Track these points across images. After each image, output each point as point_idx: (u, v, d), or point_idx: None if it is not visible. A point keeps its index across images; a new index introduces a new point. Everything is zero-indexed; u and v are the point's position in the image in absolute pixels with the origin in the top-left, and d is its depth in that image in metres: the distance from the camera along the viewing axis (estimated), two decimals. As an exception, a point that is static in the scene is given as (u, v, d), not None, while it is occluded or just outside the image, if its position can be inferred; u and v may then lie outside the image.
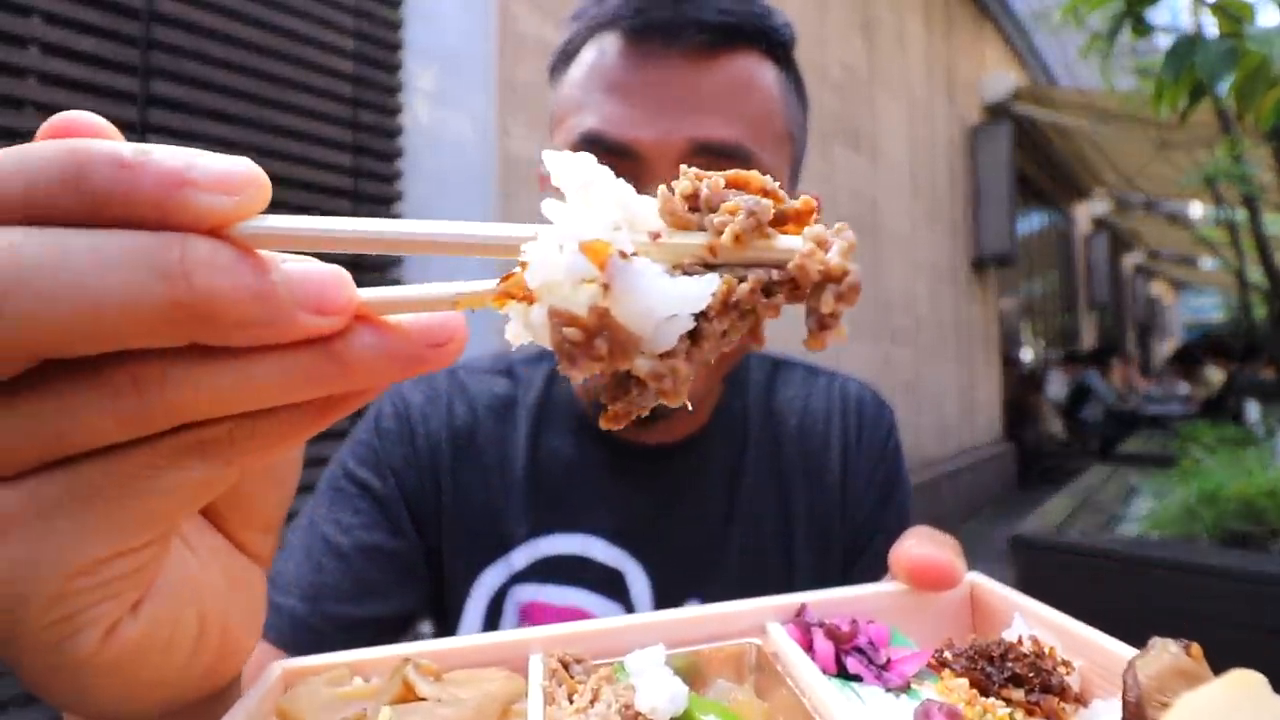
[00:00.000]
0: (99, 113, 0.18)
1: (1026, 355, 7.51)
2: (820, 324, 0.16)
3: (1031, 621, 0.25)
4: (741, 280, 0.16)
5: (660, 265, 0.15)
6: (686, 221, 0.16)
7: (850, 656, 0.23)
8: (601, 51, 0.46)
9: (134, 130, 1.30)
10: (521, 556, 0.53)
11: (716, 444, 0.58)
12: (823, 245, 0.16)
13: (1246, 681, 0.18)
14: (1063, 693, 0.22)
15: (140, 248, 0.13)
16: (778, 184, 0.19)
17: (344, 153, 1.59)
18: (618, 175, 0.25)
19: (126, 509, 0.14)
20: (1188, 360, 7.28)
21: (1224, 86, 0.76)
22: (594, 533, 0.54)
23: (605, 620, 0.26)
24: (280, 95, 1.49)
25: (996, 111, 6.06)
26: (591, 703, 0.21)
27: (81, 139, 0.14)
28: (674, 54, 0.44)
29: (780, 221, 0.17)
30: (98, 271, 0.12)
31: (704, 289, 0.15)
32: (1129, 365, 7.90)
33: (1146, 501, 2.46)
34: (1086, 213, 9.78)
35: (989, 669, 0.22)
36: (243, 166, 0.16)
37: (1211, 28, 0.83)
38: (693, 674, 0.24)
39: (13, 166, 0.14)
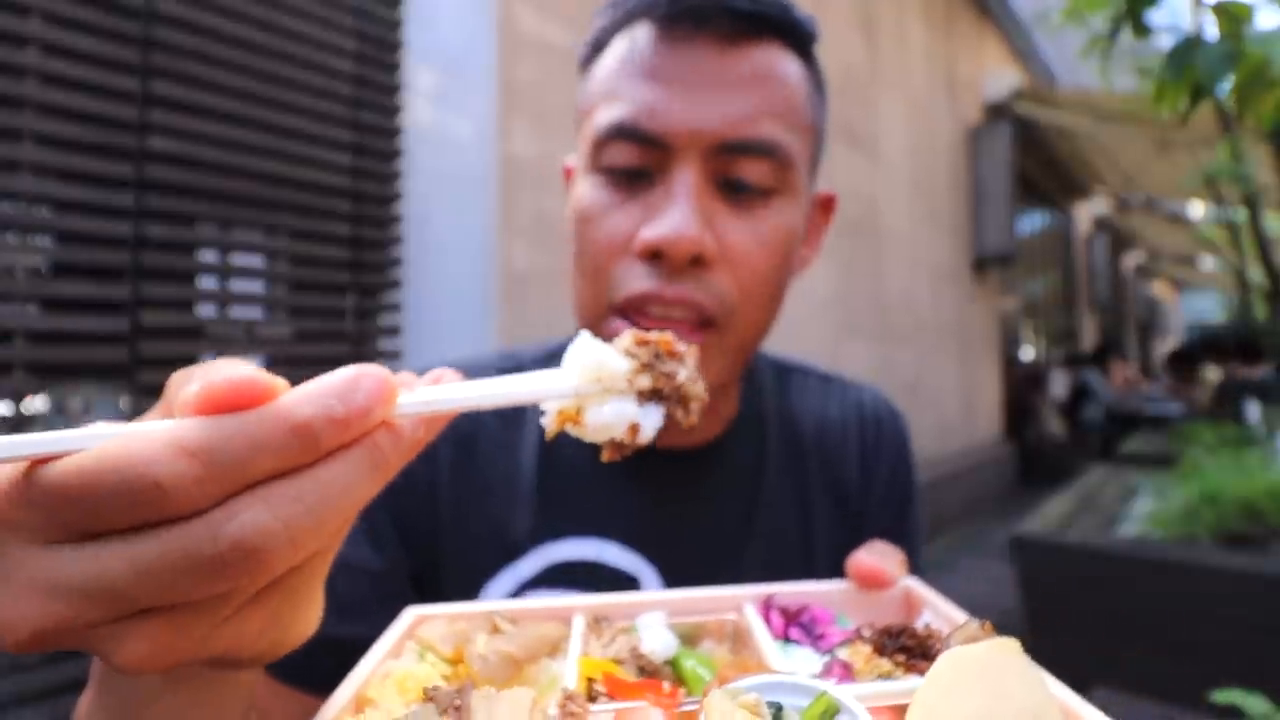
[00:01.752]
0: (99, 113, 0.28)
1: (1027, 355, 7.51)
2: (673, 414, 0.28)
3: (934, 615, 0.34)
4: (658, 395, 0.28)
5: (621, 396, 0.27)
6: (642, 371, 0.27)
7: (793, 628, 0.33)
8: (633, 40, 0.46)
9: (134, 130, 1.30)
10: (531, 564, 0.51)
11: (734, 450, 0.57)
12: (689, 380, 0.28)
13: (1005, 646, 0.24)
14: (933, 660, 0.28)
15: (362, 462, 0.20)
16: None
17: (344, 153, 1.59)
18: (647, 164, 0.44)
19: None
20: (1185, 362, 7.28)
21: (1224, 87, 0.76)
22: (608, 537, 0.52)
23: (628, 594, 0.36)
24: (280, 95, 1.49)
25: (997, 111, 6.05)
26: (610, 643, 0.32)
27: (295, 411, 0.19)
28: (703, 40, 0.44)
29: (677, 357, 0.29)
30: (346, 489, 0.19)
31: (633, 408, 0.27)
32: (1128, 365, 7.89)
33: (1147, 502, 2.46)
34: (1087, 213, 9.78)
35: (888, 641, 0.31)
36: (379, 386, 0.20)
37: (1212, 29, 0.83)
38: (689, 637, 0.34)
39: (254, 449, 0.18)
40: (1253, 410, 3.72)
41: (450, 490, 0.53)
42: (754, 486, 0.56)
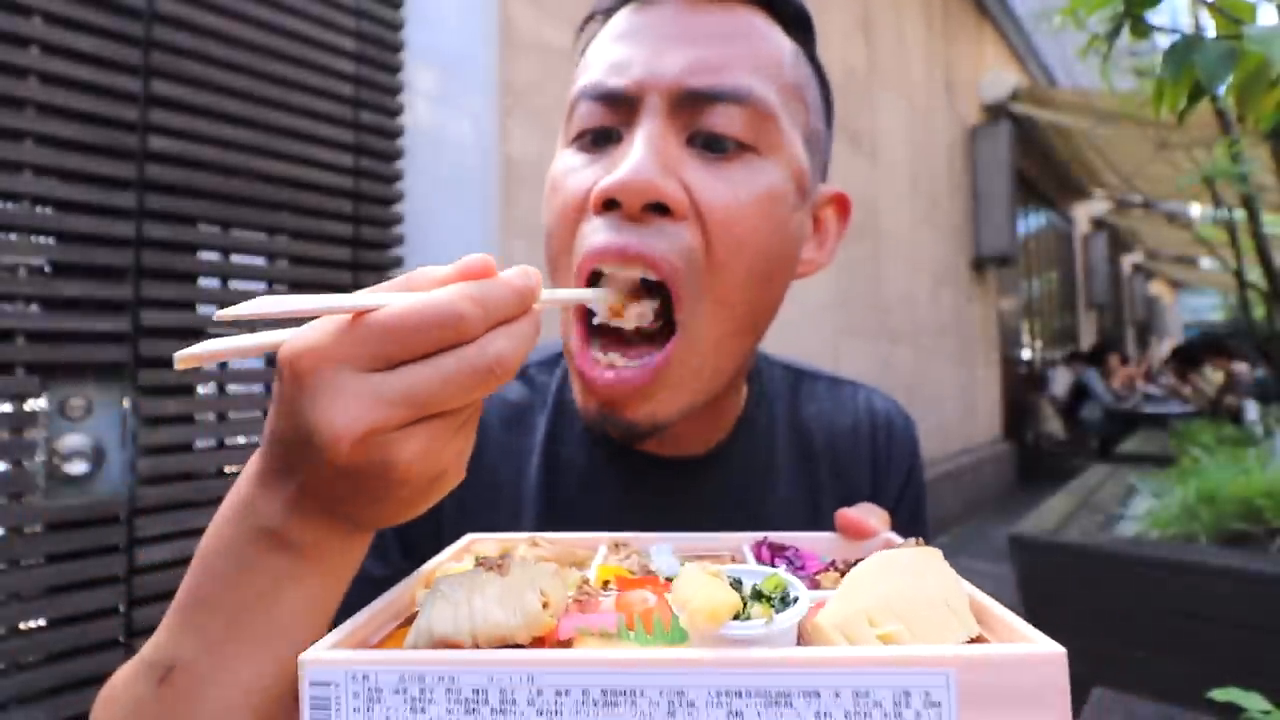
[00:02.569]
0: (99, 113, 0.36)
1: (1026, 355, 7.51)
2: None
3: None
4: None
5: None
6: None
7: (779, 560, 0.39)
8: (614, 20, 0.47)
9: (134, 130, 1.30)
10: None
11: (742, 456, 0.55)
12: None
13: (928, 552, 0.29)
14: None
15: (533, 321, 0.28)
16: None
17: (345, 153, 1.59)
18: (612, 124, 0.45)
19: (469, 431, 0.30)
20: (1187, 360, 7.28)
21: (1223, 87, 0.76)
22: None
23: (646, 534, 0.43)
24: (281, 95, 1.49)
25: (996, 111, 6.06)
26: (626, 558, 0.39)
27: (520, 281, 0.28)
28: (679, 3, 0.44)
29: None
30: (530, 336, 0.28)
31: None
32: (1127, 365, 7.89)
33: (1145, 501, 2.46)
34: (1086, 213, 9.79)
35: (854, 568, 0.34)
36: (538, 276, 0.28)
37: (1211, 28, 0.83)
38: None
39: (502, 302, 0.27)
40: (1251, 410, 3.72)
41: (452, 499, 0.51)
42: (763, 493, 0.55)
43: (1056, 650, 0.23)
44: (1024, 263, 7.23)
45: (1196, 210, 6.92)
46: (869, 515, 0.41)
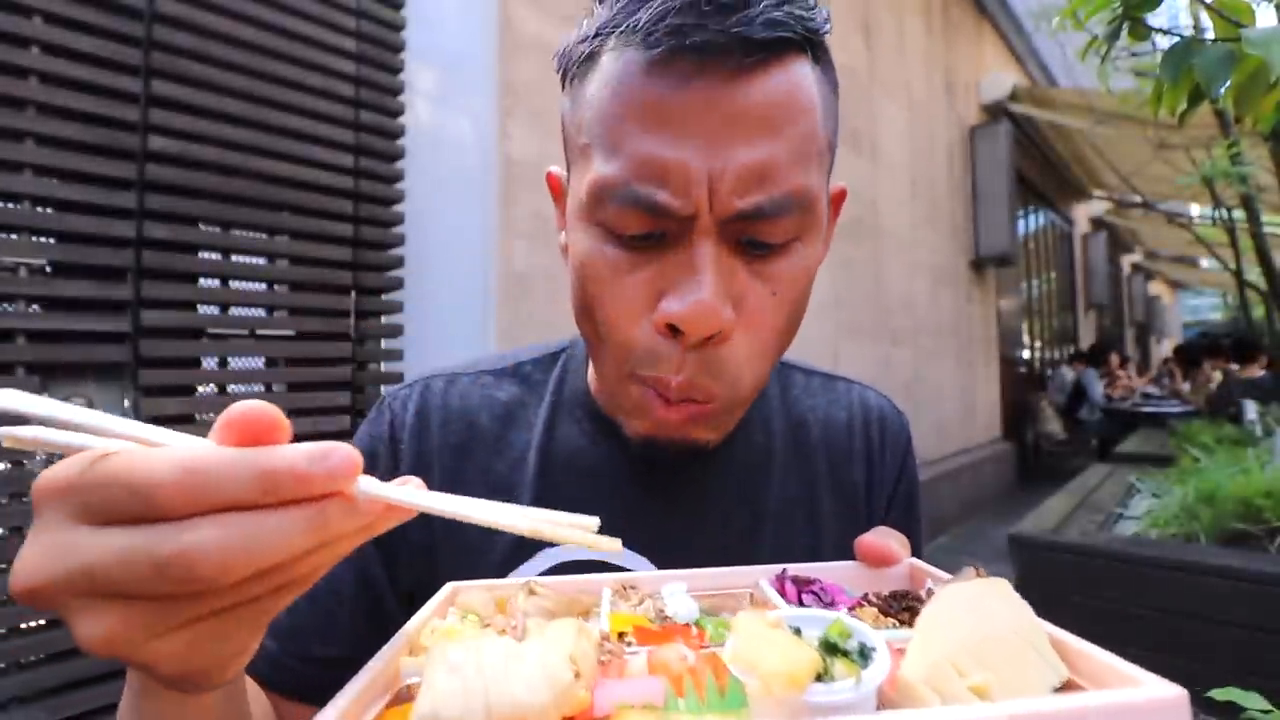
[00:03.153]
0: (100, 113, 0.34)
1: (1026, 355, 7.52)
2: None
3: (936, 584, 0.36)
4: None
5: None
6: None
7: (806, 595, 0.35)
8: (626, 68, 0.38)
9: (135, 130, 1.30)
10: (535, 566, 0.50)
11: (739, 451, 0.55)
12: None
13: (995, 583, 0.27)
14: None
15: (305, 517, 0.22)
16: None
17: (345, 153, 1.59)
18: (657, 229, 0.40)
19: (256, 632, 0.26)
20: (1188, 360, 7.28)
21: (1222, 89, 0.76)
22: None
23: (654, 572, 0.39)
24: (281, 96, 1.49)
25: (996, 112, 6.06)
26: (638, 604, 0.34)
27: (268, 459, 0.21)
28: (712, 73, 0.37)
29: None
30: (283, 536, 0.21)
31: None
32: (1126, 367, 7.89)
33: (1145, 501, 2.46)
34: (1085, 213, 9.80)
35: (893, 603, 0.33)
36: (345, 460, 0.22)
37: (1210, 30, 0.84)
38: (708, 609, 0.36)
39: (226, 480, 0.21)
40: (1250, 410, 3.73)
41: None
42: (760, 488, 0.56)
43: (1176, 693, 0.20)
44: (1024, 263, 7.24)
45: (1196, 210, 6.93)
46: (890, 540, 0.39)
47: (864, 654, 0.24)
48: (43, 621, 1.19)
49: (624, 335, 0.42)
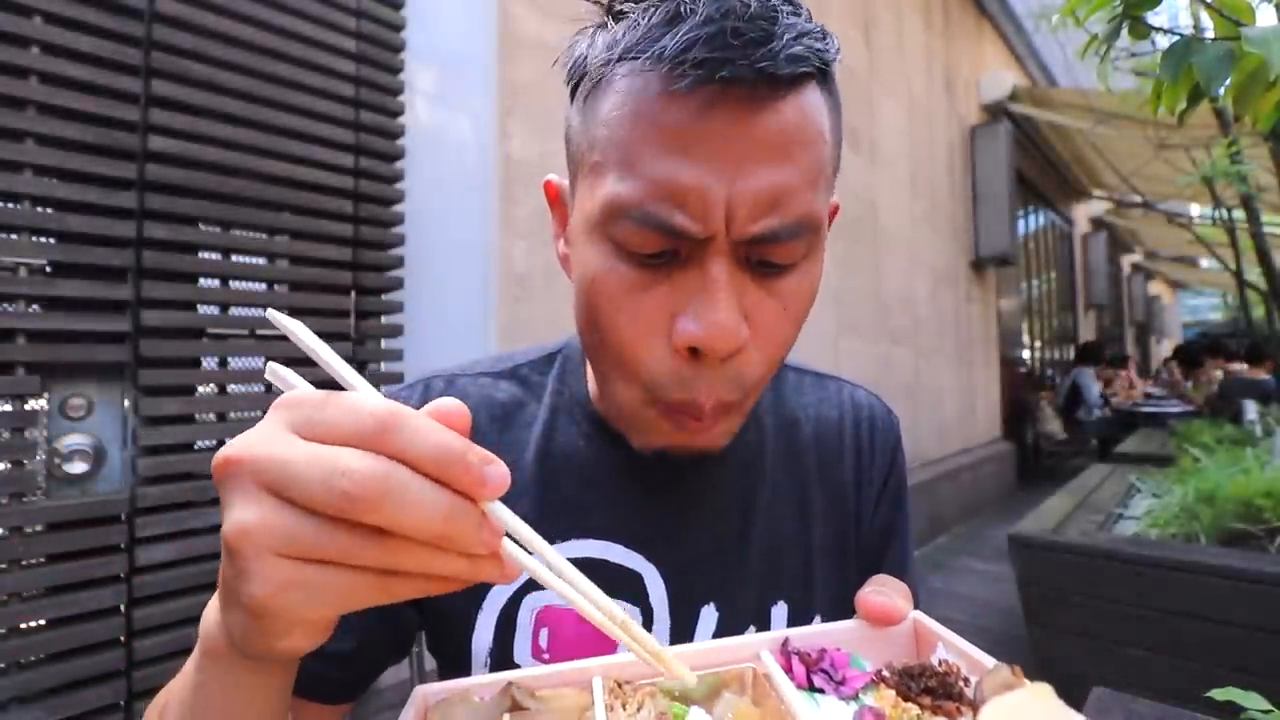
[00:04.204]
0: (100, 113, 0.35)
1: (1026, 355, 7.51)
2: None
3: (948, 649, 0.35)
4: None
5: None
6: None
7: (816, 675, 0.34)
8: (645, 87, 0.38)
9: (135, 130, 1.30)
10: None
11: (733, 448, 0.56)
12: None
13: (1040, 691, 0.26)
14: (960, 699, 0.32)
15: (453, 513, 0.26)
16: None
17: (345, 153, 1.59)
18: (671, 248, 0.40)
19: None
20: (1189, 359, 7.27)
21: (1222, 88, 0.76)
22: (611, 538, 0.53)
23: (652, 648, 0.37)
24: (281, 96, 1.49)
25: (995, 111, 6.06)
26: (638, 709, 0.31)
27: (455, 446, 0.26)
28: (730, 101, 0.37)
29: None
30: (434, 507, 0.25)
31: None
32: (1126, 367, 7.87)
33: (1145, 501, 2.46)
34: (1085, 213, 9.79)
35: (910, 683, 0.32)
36: (502, 479, 0.27)
37: (1210, 29, 0.83)
38: (712, 688, 0.34)
39: (430, 455, 0.25)
40: (1250, 410, 3.72)
41: None
42: (753, 484, 0.57)
43: None
44: (1024, 263, 7.23)
45: (1196, 210, 6.93)
46: (892, 595, 0.38)
47: None
48: (43, 622, 1.19)
49: (641, 357, 0.42)
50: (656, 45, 0.37)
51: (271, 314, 0.28)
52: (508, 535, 0.28)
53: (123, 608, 1.25)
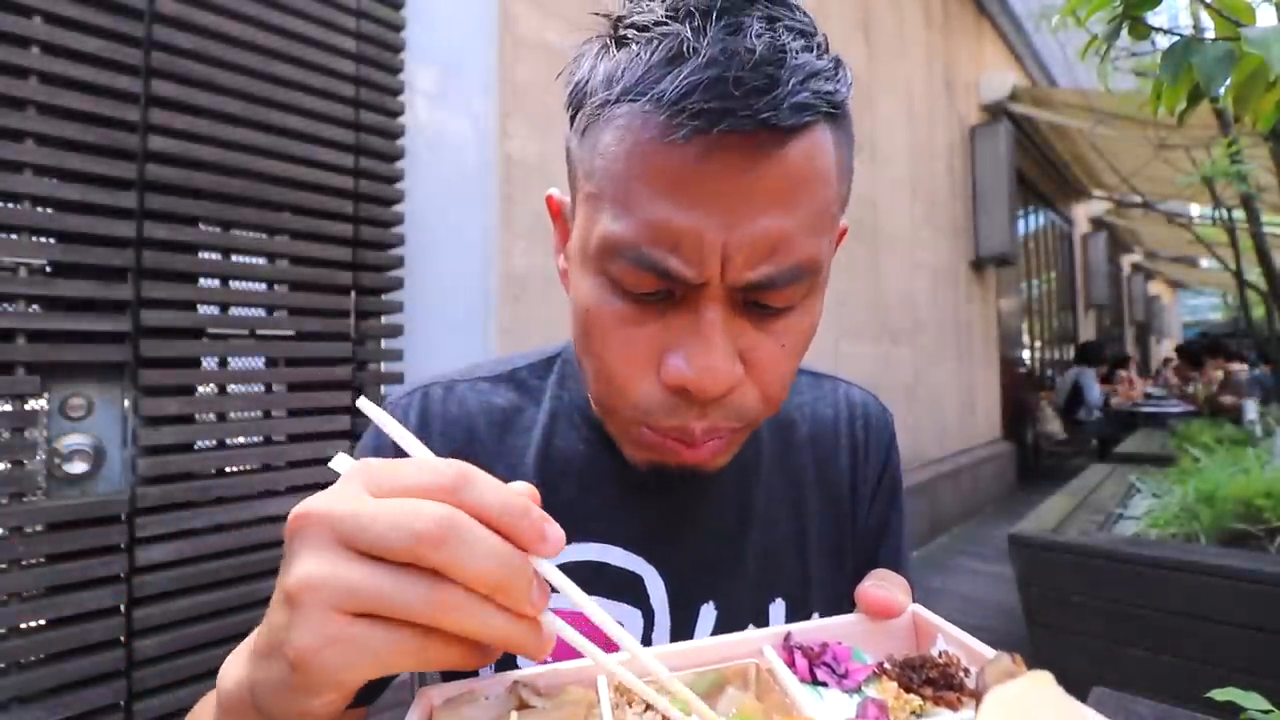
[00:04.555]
0: (100, 113, 0.36)
1: (1026, 355, 7.51)
2: None
3: (948, 641, 0.35)
4: None
5: None
6: None
7: (819, 668, 0.34)
8: (645, 126, 0.37)
9: (135, 130, 1.30)
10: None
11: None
12: None
13: (1041, 679, 0.27)
14: (961, 689, 0.32)
15: (512, 562, 0.27)
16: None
17: (345, 153, 1.59)
18: (665, 288, 0.40)
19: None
20: (1190, 358, 7.27)
21: (1222, 88, 0.76)
22: (611, 541, 0.53)
23: (653, 652, 0.34)
24: (281, 96, 1.49)
25: (995, 111, 6.06)
26: (645, 708, 0.31)
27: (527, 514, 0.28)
28: (731, 147, 0.36)
29: None
30: (494, 552, 0.27)
31: None
32: (1127, 368, 7.86)
33: (1145, 501, 2.46)
34: (1085, 213, 9.79)
35: (911, 674, 0.33)
36: (559, 538, 0.29)
37: (1211, 29, 0.83)
38: (715, 685, 0.34)
39: (497, 511, 0.28)
40: (1251, 410, 3.72)
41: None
42: (750, 486, 0.57)
43: None
44: (1024, 263, 7.23)
45: (1196, 210, 6.93)
46: (891, 588, 0.38)
47: None
48: (43, 622, 1.19)
49: (631, 389, 0.42)
50: (656, 89, 0.36)
51: (363, 403, 0.30)
52: (552, 589, 0.30)
53: (123, 608, 1.25)
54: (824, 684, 0.34)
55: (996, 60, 6.43)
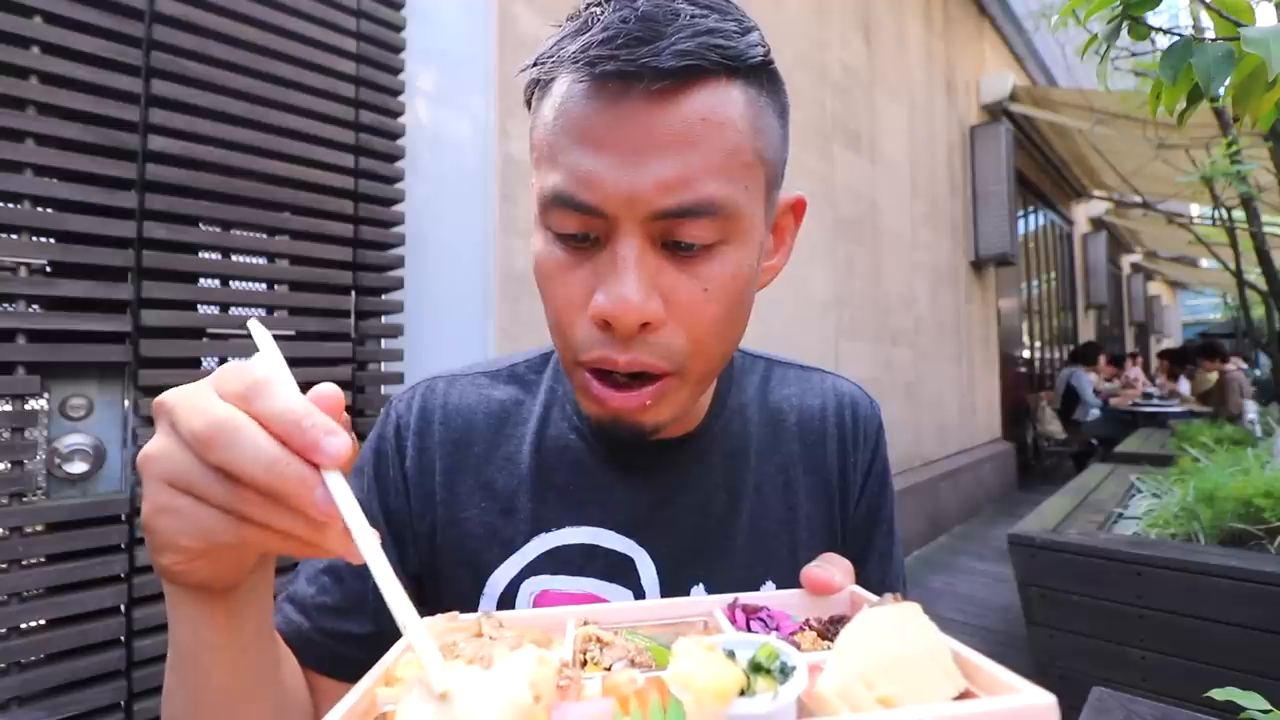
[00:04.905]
0: (100, 113, 0.40)
1: (1026, 355, 7.51)
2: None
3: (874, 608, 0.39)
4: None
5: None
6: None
7: (754, 621, 0.38)
8: (568, 94, 0.44)
9: (135, 130, 1.30)
10: (532, 549, 0.55)
11: (718, 437, 0.60)
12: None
13: (908, 608, 0.30)
14: None
15: (277, 466, 0.28)
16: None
17: (345, 153, 1.59)
18: (592, 227, 0.45)
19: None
20: (1175, 361, 7.31)
21: (1222, 88, 0.76)
22: (603, 525, 0.56)
23: (616, 604, 0.41)
24: (282, 96, 1.49)
25: (995, 112, 6.06)
26: (607, 647, 0.35)
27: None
28: (634, 98, 0.41)
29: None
30: (261, 454, 0.28)
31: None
32: (1125, 363, 7.86)
33: (1145, 501, 2.46)
34: (1085, 213, 9.80)
35: (832, 627, 0.37)
36: (339, 449, 0.29)
37: (1211, 29, 0.84)
38: (670, 637, 0.37)
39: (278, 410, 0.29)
40: (1250, 409, 3.73)
41: (447, 492, 0.56)
42: (739, 471, 0.60)
43: (1048, 700, 0.23)
44: (1023, 263, 7.24)
45: (1196, 210, 6.93)
46: (834, 570, 0.42)
47: (784, 672, 0.27)
48: (43, 622, 1.19)
49: (568, 327, 0.46)
50: (562, 52, 0.43)
51: (253, 324, 0.33)
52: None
53: (123, 608, 1.25)
54: (755, 633, 0.38)
55: (997, 60, 6.44)
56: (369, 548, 0.28)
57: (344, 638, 0.53)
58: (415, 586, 0.56)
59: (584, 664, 0.33)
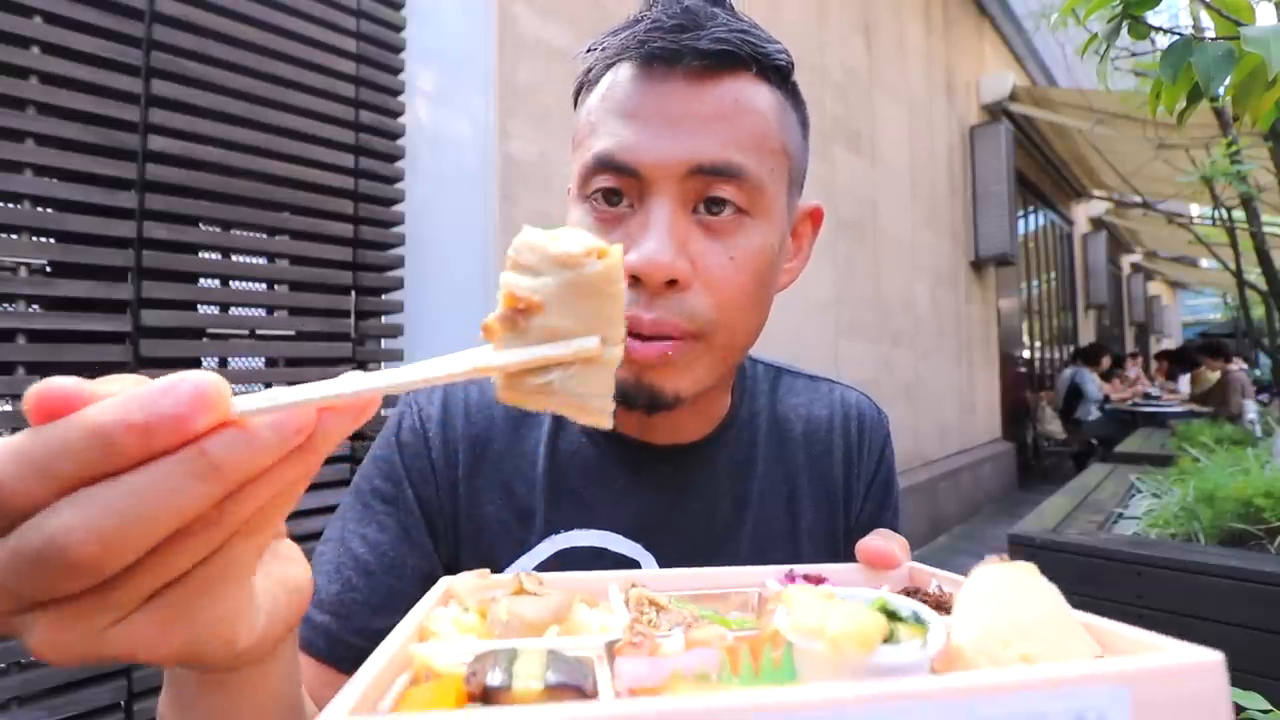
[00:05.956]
0: (100, 113, 0.32)
1: (1026, 355, 7.51)
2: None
3: (943, 582, 0.38)
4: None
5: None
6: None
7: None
8: (614, 80, 0.50)
9: (135, 130, 1.31)
10: (542, 550, 0.55)
11: (727, 446, 0.61)
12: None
13: (1025, 566, 0.29)
14: (949, 611, 0.32)
15: (180, 464, 0.19)
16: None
17: (345, 153, 1.59)
18: (627, 192, 0.49)
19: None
20: (1173, 361, 7.32)
21: (1221, 88, 0.76)
22: (612, 529, 0.57)
23: (661, 570, 0.41)
24: (282, 96, 1.49)
25: (995, 112, 6.06)
26: (658, 614, 0.33)
27: (96, 415, 0.19)
28: (675, 78, 0.48)
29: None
30: (163, 493, 0.19)
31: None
32: (1125, 364, 7.87)
33: (1145, 501, 2.46)
34: (1085, 213, 9.79)
35: (909, 597, 0.33)
36: (198, 394, 0.19)
37: (1211, 29, 0.84)
38: (723, 607, 0.37)
39: (57, 452, 0.19)
40: (1251, 409, 3.72)
41: (467, 486, 0.57)
42: (745, 480, 0.61)
43: (1216, 657, 0.22)
44: (1023, 263, 7.23)
45: (1196, 210, 6.93)
46: (892, 543, 0.41)
47: (919, 621, 0.25)
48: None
49: None
50: (612, 42, 0.51)
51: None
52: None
53: (123, 608, 1.25)
54: None
55: (996, 60, 6.43)
56: (286, 393, 0.21)
57: (379, 634, 0.50)
58: (450, 574, 0.56)
59: None
